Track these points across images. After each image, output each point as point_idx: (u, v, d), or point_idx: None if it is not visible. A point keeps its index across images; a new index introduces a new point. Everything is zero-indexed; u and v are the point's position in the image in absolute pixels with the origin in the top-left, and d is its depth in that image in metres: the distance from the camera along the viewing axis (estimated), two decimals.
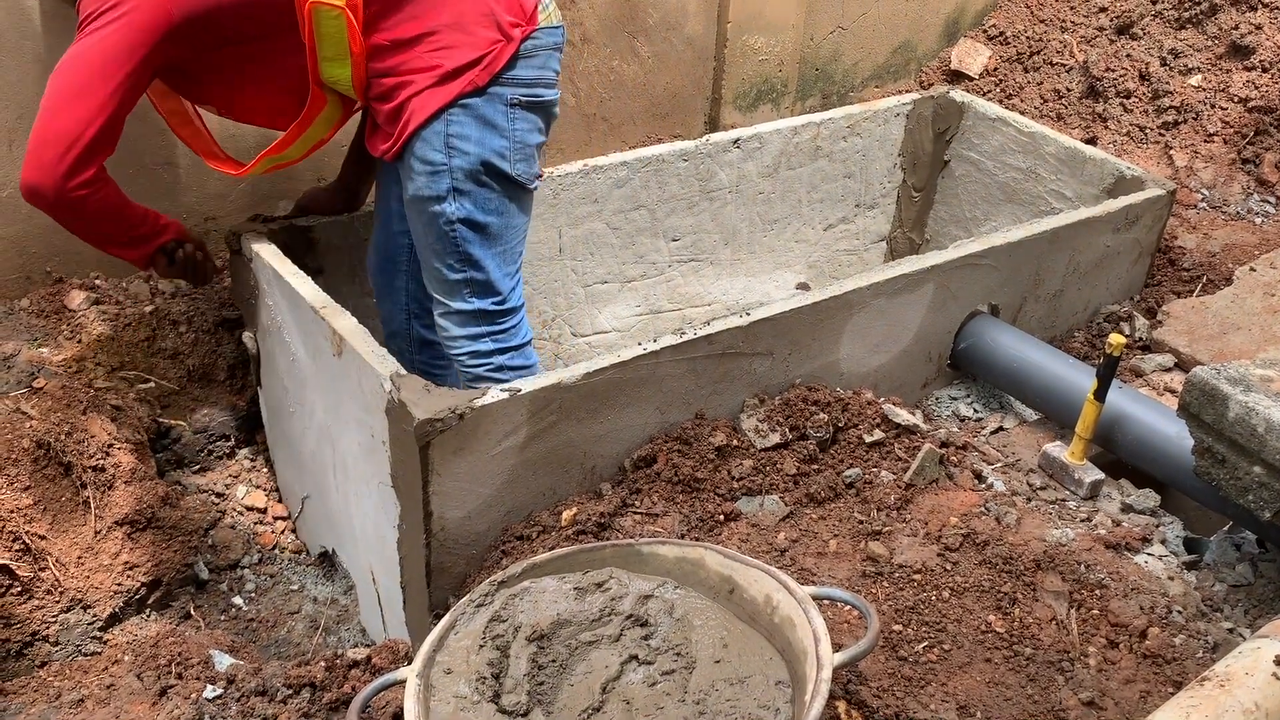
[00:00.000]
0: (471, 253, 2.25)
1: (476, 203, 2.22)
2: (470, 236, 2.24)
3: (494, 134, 2.20)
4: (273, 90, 2.25)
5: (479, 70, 2.16)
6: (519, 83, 2.21)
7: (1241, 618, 2.02)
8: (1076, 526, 2.19)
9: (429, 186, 2.20)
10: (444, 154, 2.17)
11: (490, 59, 2.17)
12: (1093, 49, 4.23)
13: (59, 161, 2.01)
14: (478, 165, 2.19)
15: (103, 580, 2.24)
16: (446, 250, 2.25)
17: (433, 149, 2.17)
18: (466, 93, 2.16)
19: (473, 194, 2.21)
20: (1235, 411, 1.94)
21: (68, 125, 2.01)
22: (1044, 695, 1.79)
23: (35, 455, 2.18)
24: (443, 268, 2.27)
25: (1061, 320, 2.96)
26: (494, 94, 2.18)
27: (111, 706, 1.86)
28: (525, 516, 2.09)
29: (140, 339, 2.70)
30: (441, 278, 2.29)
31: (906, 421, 2.31)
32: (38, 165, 2.03)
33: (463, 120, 2.17)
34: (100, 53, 2.01)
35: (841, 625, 1.87)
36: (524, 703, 1.51)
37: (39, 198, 2.06)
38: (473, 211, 2.22)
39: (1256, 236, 3.46)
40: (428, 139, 2.17)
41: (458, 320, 2.32)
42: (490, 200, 2.24)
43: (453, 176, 2.19)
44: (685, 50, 3.89)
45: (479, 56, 2.16)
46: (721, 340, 2.21)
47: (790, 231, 3.48)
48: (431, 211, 2.22)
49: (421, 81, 2.16)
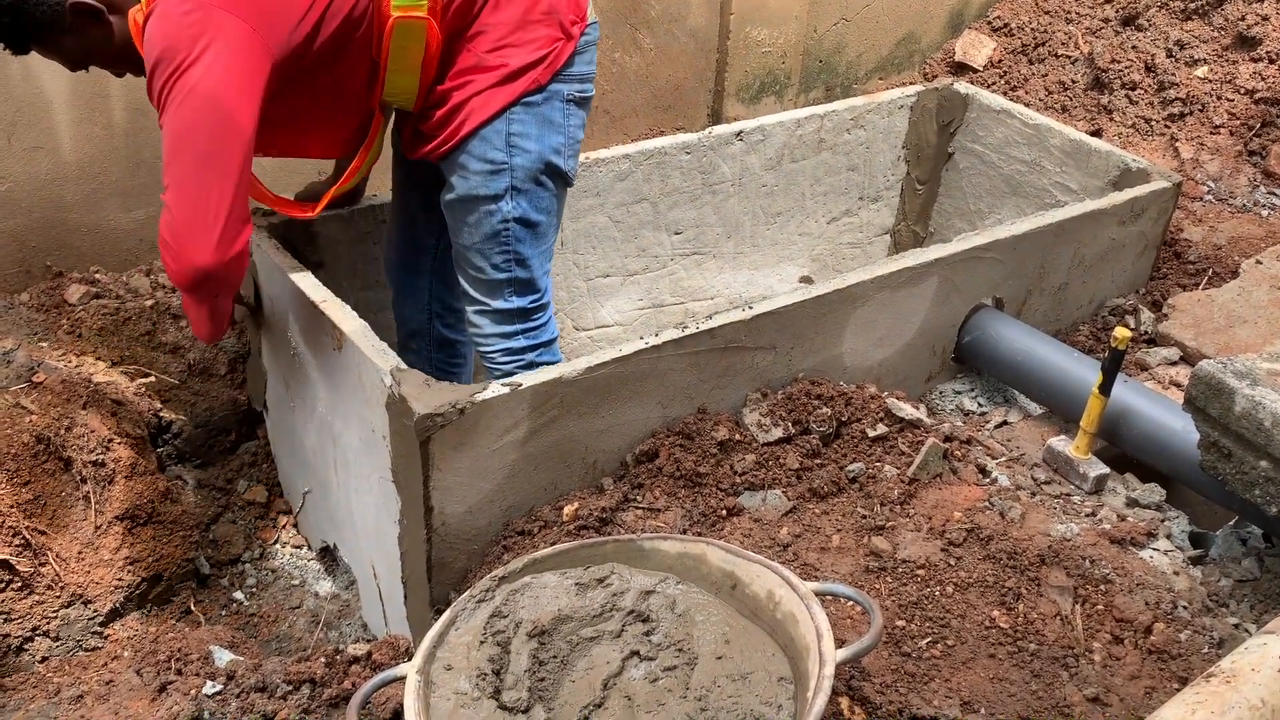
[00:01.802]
0: (521, 251, 2.23)
1: (532, 201, 2.21)
2: (522, 235, 2.22)
3: (553, 131, 2.19)
4: (331, 122, 2.21)
5: (542, 69, 2.14)
6: (574, 79, 2.20)
7: (1247, 613, 2.01)
8: (1081, 521, 2.17)
9: (485, 185, 2.17)
10: (505, 153, 2.15)
11: (553, 57, 2.15)
12: (1098, 40, 4.20)
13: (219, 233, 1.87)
14: (539, 164, 2.18)
15: (103, 576, 2.23)
16: (495, 249, 2.22)
17: (494, 148, 2.15)
18: (529, 91, 2.14)
19: (530, 193, 2.20)
20: (1242, 405, 1.92)
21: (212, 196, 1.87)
22: (1048, 691, 1.78)
23: (35, 450, 2.17)
24: (487, 266, 2.24)
25: (1066, 313, 2.94)
26: (553, 91, 2.17)
27: (111, 702, 1.86)
28: (526, 511, 2.08)
29: (140, 333, 2.69)
30: (485, 277, 2.26)
31: (910, 416, 2.30)
32: (194, 242, 1.87)
33: (524, 119, 2.15)
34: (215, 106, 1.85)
35: (844, 621, 1.85)
36: (525, 699, 1.50)
37: (206, 279, 1.92)
38: (528, 210, 2.20)
39: (1263, 229, 3.44)
40: (488, 138, 2.14)
41: (495, 319, 2.30)
42: (544, 199, 2.23)
43: (513, 175, 2.17)
44: (688, 42, 3.87)
45: (543, 55, 2.14)
46: (724, 334, 2.20)
47: (793, 224, 3.47)
48: (484, 210, 2.19)
49: (483, 81, 2.13)
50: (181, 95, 1.84)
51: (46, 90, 2.67)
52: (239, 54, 1.86)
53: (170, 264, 1.92)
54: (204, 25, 1.83)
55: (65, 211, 2.83)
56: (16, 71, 2.60)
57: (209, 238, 1.87)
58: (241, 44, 1.86)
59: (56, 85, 2.68)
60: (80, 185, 2.83)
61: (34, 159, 2.73)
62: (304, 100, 2.08)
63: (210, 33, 1.83)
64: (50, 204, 2.80)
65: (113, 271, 2.89)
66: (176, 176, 1.87)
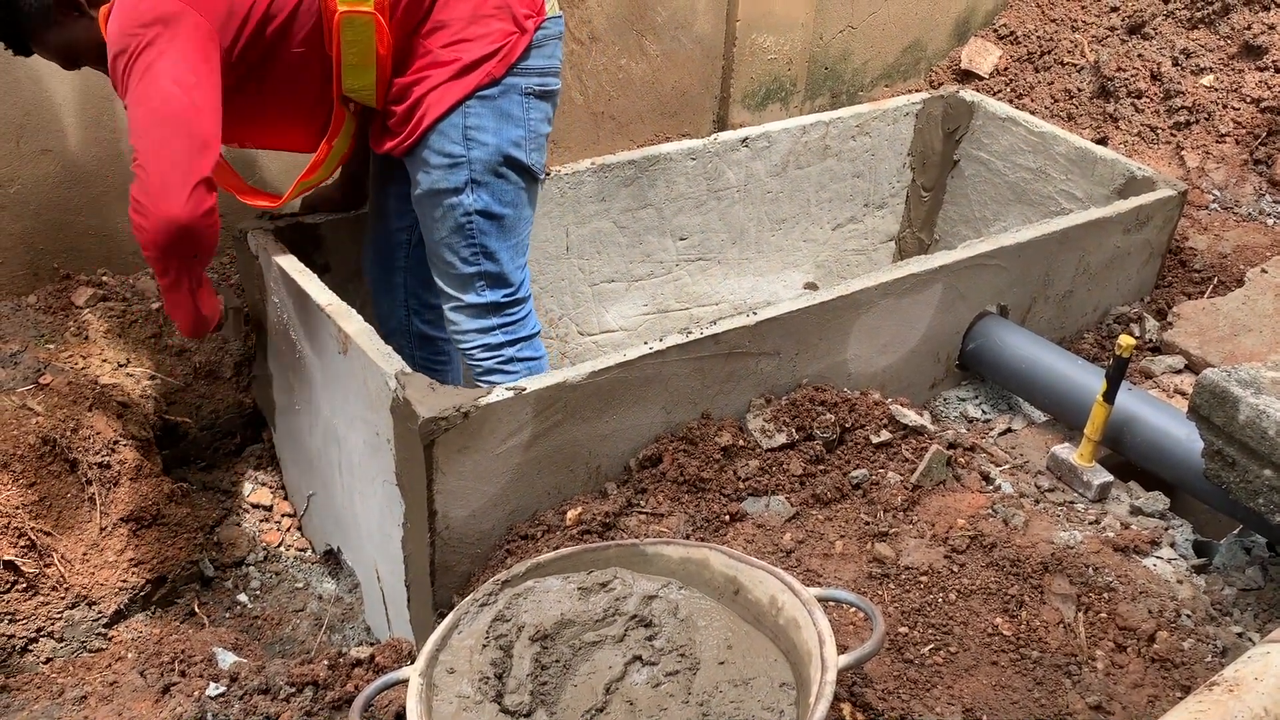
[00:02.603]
0: (487, 245, 2.26)
1: (494, 194, 2.23)
2: (487, 228, 2.24)
3: (511, 124, 2.21)
4: (294, 115, 2.26)
5: (496, 62, 2.17)
6: (532, 72, 2.23)
7: (1251, 622, 2.00)
8: (1085, 529, 2.17)
9: (446, 179, 2.20)
10: (462, 146, 2.18)
11: (506, 50, 2.18)
12: (1104, 49, 4.20)
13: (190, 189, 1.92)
14: (497, 156, 2.21)
15: (107, 577, 2.24)
16: (461, 243, 2.25)
17: (451, 141, 2.18)
18: (484, 85, 2.17)
19: (490, 185, 2.22)
20: (1246, 414, 1.92)
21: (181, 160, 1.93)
22: (1051, 699, 1.78)
23: (41, 452, 2.18)
24: (456, 261, 2.27)
25: (1071, 321, 2.94)
26: (510, 85, 2.20)
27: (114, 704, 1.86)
28: (530, 516, 2.08)
29: (147, 335, 2.70)
30: (454, 271, 2.29)
31: (914, 422, 2.30)
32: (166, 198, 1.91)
33: (480, 112, 2.18)
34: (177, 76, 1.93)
35: (847, 627, 1.85)
36: (527, 703, 1.50)
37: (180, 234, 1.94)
38: (490, 203, 2.23)
39: (1268, 238, 3.43)
40: (445, 131, 2.18)
41: (469, 313, 2.32)
42: (506, 192, 2.25)
43: (471, 168, 2.20)
44: (694, 49, 3.88)
45: (496, 49, 2.17)
46: (728, 340, 2.20)
47: (798, 231, 3.47)
48: (448, 204, 2.22)
49: (438, 76, 2.17)
50: (141, 72, 1.93)
51: (55, 93, 2.69)
52: (192, 38, 1.96)
53: (142, 224, 1.94)
54: (157, 11, 1.93)
55: (73, 214, 2.84)
56: (25, 74, 2.62)
57: (180, 193, 1.91)
58: (193, 29, 1.96)
59: (65, 88, 2.69)
60: (88, 188, 2.84)
61: (42, 162, 2.74)
62: (266, 94, 2.16)
63: (167, 15, 1.93)
64: (58, 207, 2.81)
65: (120, 274, 2.90)
66: (147, 144, 1.93)
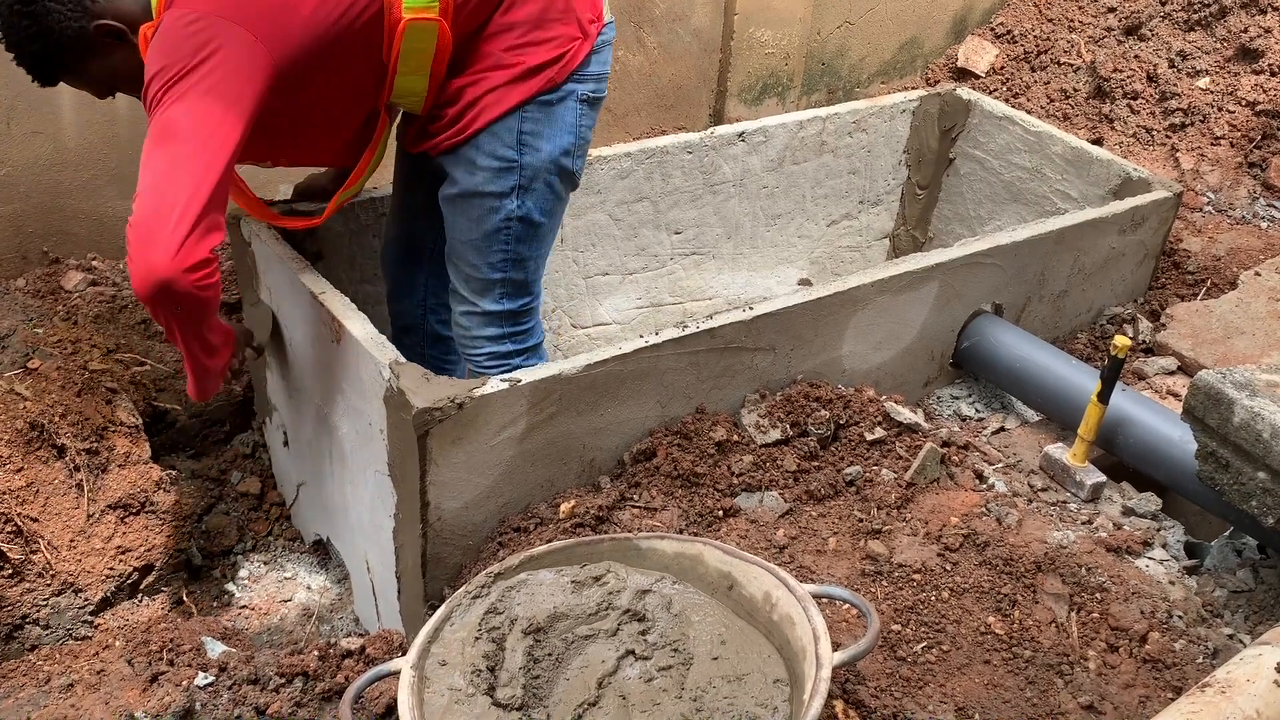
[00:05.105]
0: (520, 252, 2.21)
1: (537, 201, 2.18)
2: (523, 235, 2.19)
3: (564, 131, 2.16)
4: (335, 126, 2.16)
5: (558, 68, 2.12)
6: (589, 78, 2.18)
7: (1242, 624, 2.01)
8: (1077, 529, 2.17)
9: (492, 182, 2.14)
10: (515, 150, 2.12)
11: (570, 56, 2.13)
12: (1100, 49, 4.21)
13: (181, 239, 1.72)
14: (548, 163, 2.16)
15: (95, 564, 2.22)
16: (493, 247, 2.19)
17: (504, 145, 2.12)
18: (544, 90, 2.11)
19: (536, 192, 2.17)
20: (1240, 416, 1.92)
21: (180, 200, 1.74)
22: (1043, 698, 1.78)
23: (29, 437, 2.16)
24: (482, 265, 2.21)
25: (1065, 321, 2.95)
26: (568, 90, 2.14)
27: (102, 692, 1.84)
28: (523, 508, 2.07)
29: (136, 321, 2.68)
30: (478, 275, 2.23)
31: (908, 420, 2.30)
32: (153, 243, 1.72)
33: (537, 117, 2.13)
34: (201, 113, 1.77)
35: (840, 624, 1.85)
36: (519, 696, 1.49)
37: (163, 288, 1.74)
38: (532, 210, 2.18)
39: (1262, 241, 3.44)
40: (499, 134, 2.11)
41: (482, 320, 2.27)
42: (548, 200, 2.21)
43: (522, 174, 2.14)
44: (691, 42, 3.87)
45: (560, 54, 2.11)
46: (724, 334, 2.20)
47: (793, 226, 3.46)
48: (489, 206, 2.16)
49: (497, 79, 2.10)
50: (173, 99, 1.78)
51: None
52: (240, 66, 1.81)
53: (130, 270, 1.78)
54: (208, 35, 1.79)
55: (63, 198, 2.81)
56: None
57: (169, 243, 1.72)
58: (244, 55, 1.82)
59: None
60: (79, 172, 2.81)
61: (33, 144, 2.72)
62: (308, 103, 2.03)
63: (214, 43, 1.79)
64: (49, 190, 2.79)
65: (110, 259, 2.88)
66: (149, 177, 1.77)
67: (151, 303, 1.78)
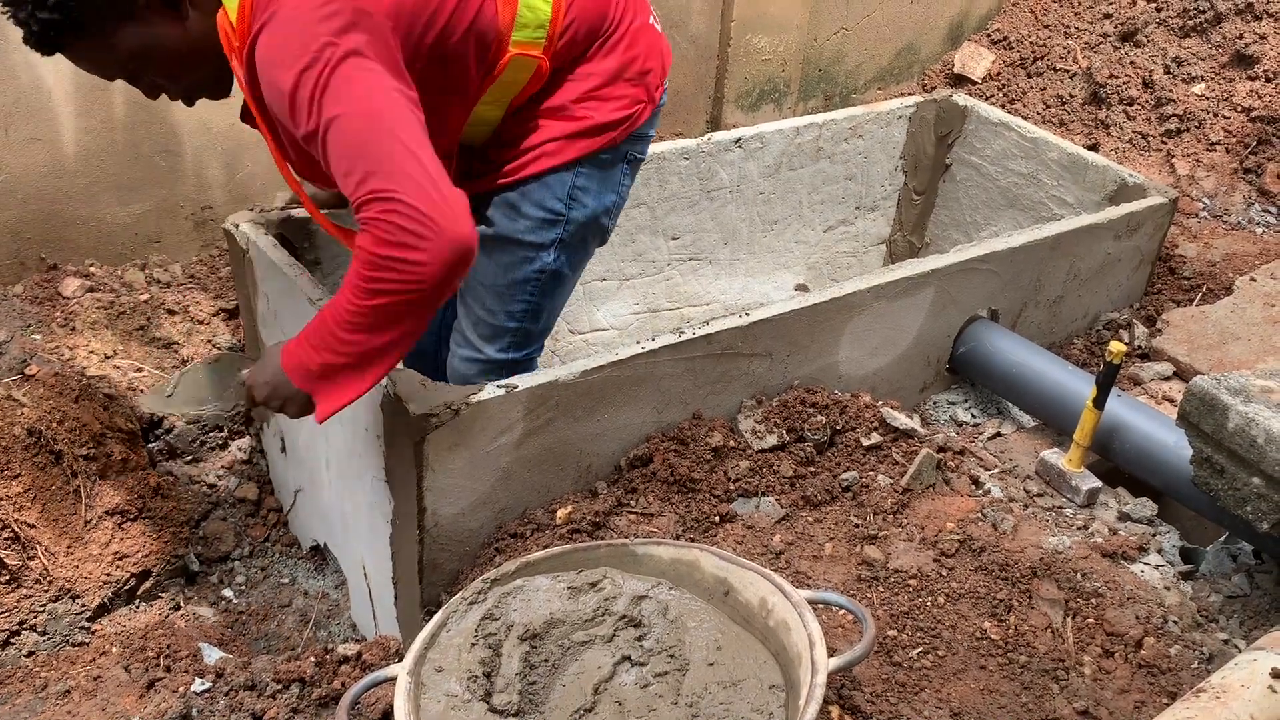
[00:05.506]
0: (541, 304, 2.18)
1: (570, 256, 2.16)
2: (550, 288, 2.17)
3: (609, 191, 2.14)
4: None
5: (622, 129, 2.09)
6: (641, 139, 2.16)
7: (1237, 629, 2.01)
8: (1073, 534, 2.18)
9: (534, 232, 2.09)
10: (564, 204, 2.09)
11: (633, 119, 2.10)
12: (1096, 55, 4.22)
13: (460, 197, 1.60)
14: (590, 220, 2.13)
15: (92, 570, 2.22)
16: (516, 297, 2.15)
17: (554, 197, 2.08)
18: (604, 149, 2.08)
19: (573, 248, 2.15)
20: (1235, 422, 1.93)
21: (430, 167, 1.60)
22: (1038, 704, 1.78)
23: (26, 443, 2.16)
24: (500, 312, 2.16)
25: (1061, 327, 2.95)
26: (621, 152, 2.12)
27: (99, 698, 1.85)
28: (520, 514, 2.08)
29: (134, 327, 2.68)
30: (493, 322, 2.17)
31: (904, 425, 2.30)
32: (456, 216, 1.58)
33: (590, 174, 2.09)
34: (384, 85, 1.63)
35: (835, 630, 1.85)
36: (515, 702, 1.50)
37: (468, 253, 1.60)
38: (564, 265, 2.15)
39: (1257, 246, 3.45)
40: (551, 185, 2.07)
41: (481, 369, 2.21)
42: (580, 257, 2.19)
43: (565, 228, 2.11)
44: (688, 48, 3.88)
45: (626, 115, 2.08)
46: (720, 340, 2.20)
47: (790, 232, 3.47)
48: (523, 255, 2.11)
49: (560, 129, 2.04)
50: (341, 81, 1.60)
51: (46, 81, 2.66)
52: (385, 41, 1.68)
53: (420, 258, 1.57)
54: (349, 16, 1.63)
55: (62, 204, 2.82)
56: (19, 60, 2.60)
57: (460, 208, 1.59)
58: (385, 34, 1.69)
59: (57, 76, 2.67)
60: (77, 178, 2.82)
61: (31, 150, 2.72)
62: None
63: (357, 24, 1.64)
64: (47, 196, 2.79)
65: (108, 265, 2.88)
66: (380, 160, 1.58)
67: (443, 287, 1.62)
